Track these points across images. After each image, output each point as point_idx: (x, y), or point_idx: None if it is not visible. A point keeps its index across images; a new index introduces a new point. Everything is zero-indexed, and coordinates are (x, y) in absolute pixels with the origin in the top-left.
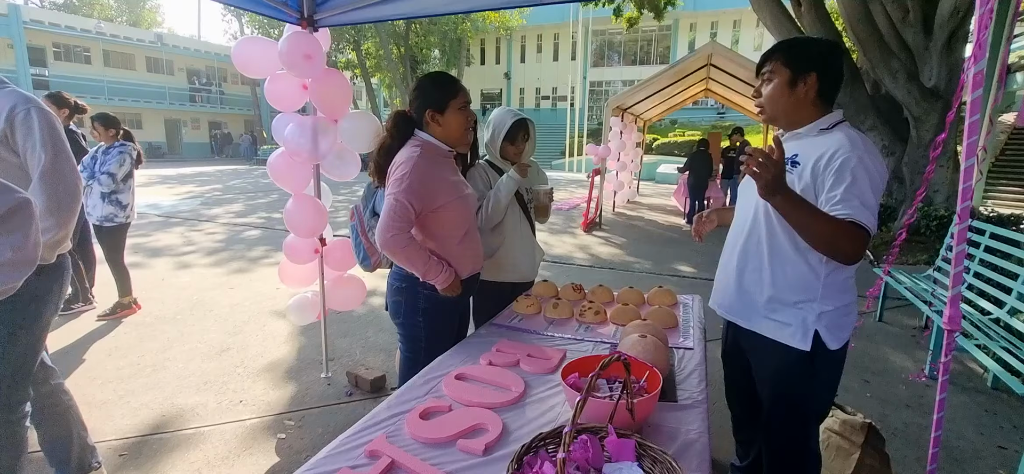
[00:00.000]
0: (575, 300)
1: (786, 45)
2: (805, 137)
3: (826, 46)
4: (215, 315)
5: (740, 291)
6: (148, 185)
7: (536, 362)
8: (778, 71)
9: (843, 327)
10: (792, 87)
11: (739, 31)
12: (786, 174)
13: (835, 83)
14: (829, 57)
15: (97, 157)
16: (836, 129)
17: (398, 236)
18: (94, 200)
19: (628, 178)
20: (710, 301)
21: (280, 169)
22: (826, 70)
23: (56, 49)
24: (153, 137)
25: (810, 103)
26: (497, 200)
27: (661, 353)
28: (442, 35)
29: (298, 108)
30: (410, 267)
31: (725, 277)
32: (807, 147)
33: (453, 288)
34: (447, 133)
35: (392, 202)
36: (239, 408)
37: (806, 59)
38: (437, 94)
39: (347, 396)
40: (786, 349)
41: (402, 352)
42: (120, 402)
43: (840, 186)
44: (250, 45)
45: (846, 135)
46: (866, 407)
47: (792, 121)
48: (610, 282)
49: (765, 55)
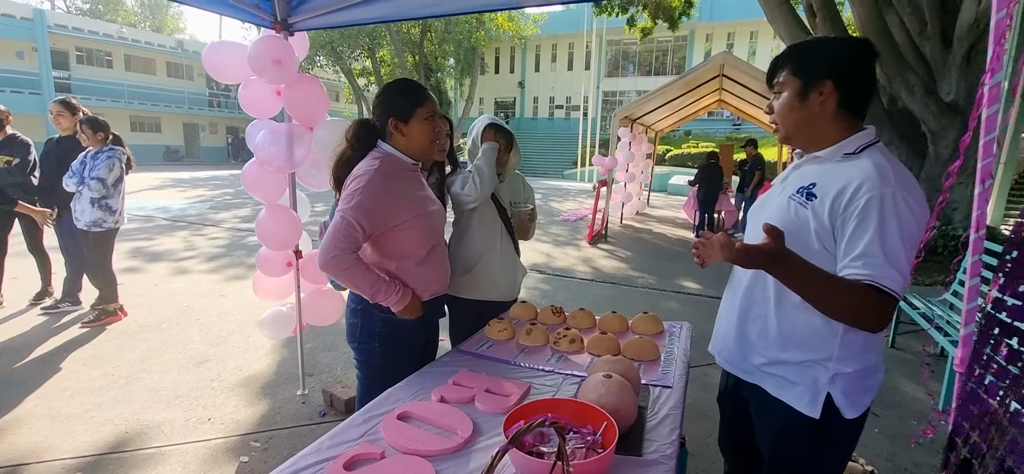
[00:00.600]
0: (553, 324)
1: (796, 49)
2: (826, 163)
3: (845, 47)
4: (201, 324)
5: (741, 340)
6: (161, 188)
7: (492, 400)
8: (788, 81)
9: (864, 391)
10: (803, 99)
11: (756, 42)
12: (801, 210)
13: (860, 91)
14: (849, 60)
15: (86, 162)
16: (864, 154)
17: (340, 257)
18: (82, 205)
19: (637, 190)
20: (710, 346)
21: (253, 178)
22: (845, 76)
23: (79, 53)
24: (171, 141)
25: (829, 118)
26: (480, 171)
27: (627, 397)
28: (457, 43)
29: (273, 115)
30: (356, 289)
31: (725, 322)
32: (827, 176)
33: (411, 310)
34: (411, 144)
35: (338, 220)
36: (206, 427)
37: (819, 64)
38: (401, 102)
39: (321, 416)
40: (791, 411)
41: (359, 379)
42: (85, 416)
43: (863, 236)
44: (221, 49)
45: (875, 163)
46: (873, 446)
47: (810, 139)
48: (611, 297)
49: (775, 62)
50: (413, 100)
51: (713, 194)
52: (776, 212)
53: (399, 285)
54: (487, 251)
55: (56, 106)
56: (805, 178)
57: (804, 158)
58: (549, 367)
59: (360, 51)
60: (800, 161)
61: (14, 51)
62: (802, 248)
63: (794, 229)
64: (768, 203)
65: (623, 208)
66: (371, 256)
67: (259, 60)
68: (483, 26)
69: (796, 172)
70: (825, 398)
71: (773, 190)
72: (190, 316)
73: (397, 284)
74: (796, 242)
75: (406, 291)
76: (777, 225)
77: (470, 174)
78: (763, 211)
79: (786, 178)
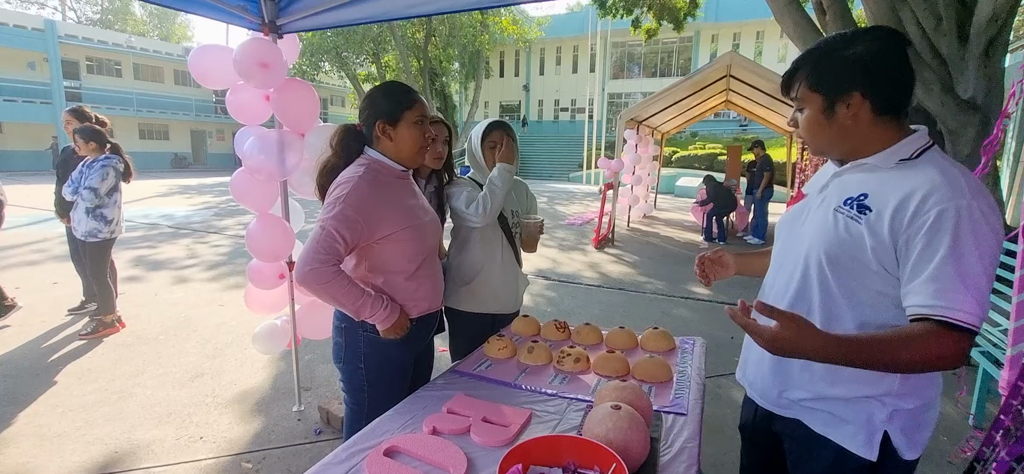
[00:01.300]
0: (556, 341)
1: (810, 57)
2: (878, 170)
3: (867, 45)
4: (198, 336)
5: (779, 372)
6: (168, 195)
7: (491, 430)
8: (807, 98)
9: (923, 428)
10: (829, 116)
11: (762, 42)
12: (853, 225)
13: (897, 88)
14: (875, 60)
15: (83, 171)
16: (924, 159)
17: (319, 270)
18: (79, 215)
19: (644, 192)
20: (738, 373)
21: (242, 187)
22: (875, 80)
23: (89, 63)
24: (179, 147)
25: (866, 128)
26: (493, 194)
27: (637, 432)
28: (461, 47)
29: (263, 121)
30: (337, 305)
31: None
32: (882, 186)
33: (397, 329)
34: (400, 149)
35: (318, 231)
36: (197, 446)
37: (840, 75)
38: (389, 105)
39: (316, 434)
40: (841, 452)
41: (346, 403)
42: (76, 434)
43: (932, 258)
44: (206, 53)
45: (941, 170)
46: None
47: (849, 152)
48: (619, 304)
49: (789, 73)
50: (401, 102)
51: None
52: (819, 227)
53: (386, 300)
54: (487, 263)
55: (66, 115)
56: (852, 187)
57: (847, 165)
58: (553, 390)
59: (365, 56)
60: (842, 168)
61: (26, 62)
62: (857, 268)
63: (845, 248)
64: (804, 215)
65: (630, 211)
66: (355, 270)
67: (245, 63)
68: (487, 30)
69: (838, 180)
70: (882, 437)
71: (809, 200)
72: (188, 328)
73: (384, 299)
74: (848, 262)
75: (394, 307)
76: (822, 242)
77: (475, 191)
78: (801, 226)
79: (825, 186)
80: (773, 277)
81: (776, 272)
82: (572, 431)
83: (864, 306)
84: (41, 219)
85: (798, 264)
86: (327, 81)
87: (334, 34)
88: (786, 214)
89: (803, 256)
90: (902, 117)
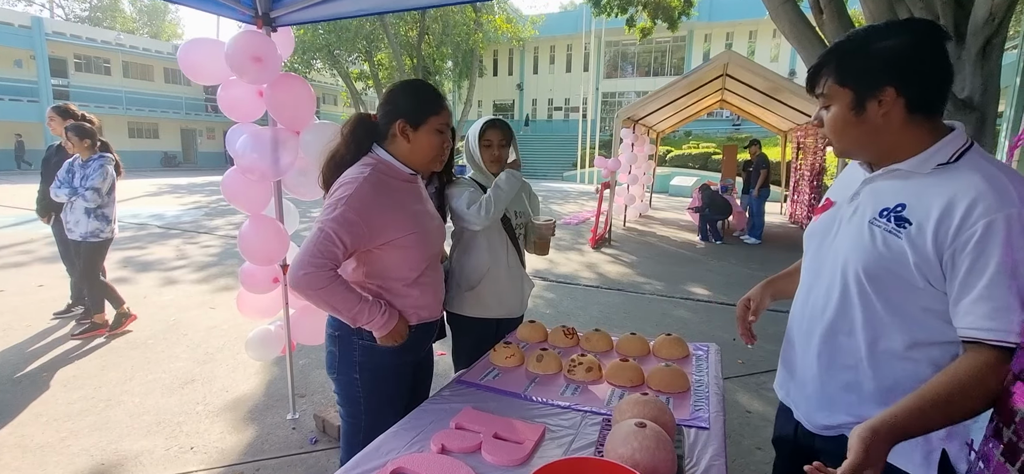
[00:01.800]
0: (566, 348)
1: (838, 50)
2: (913, 177)
3: (903, 37)
4: (188, 340)
5: (823, 394)
6: (157, 194)
7: (504, 448)
8: (835, 94)
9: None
10: (859, 113)
11: (755, 42)
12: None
13: (934, 85)
14: (912, 54)
15: (74, 170)
16: (964, 163)
17: (314, 275)
18: (76, 215)
19: (640, 191)
20: (776, 385)
21: (234, 187)
22: (910, 75)
23: (77, 60)
24: (169, 146)
25: (898, 128)
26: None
27: (664, 451)
28: (455, 46)
29: (256, 118)
30: (332, 311)
31: (800, 364)
32: (920, 194)
33: (395, 336)
34: (415, 154)
35: (316, 233)
36: (187, 457)
37: (872, 69)
38: (416, 105)
39: (311, 443)
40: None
41: (342, 416)
42: (60, 446)
43: (981, 276)
44: (197, 47)
45: (985, 175)
46: None
47: (879, 155)
48: (618, 305)
49: (815, 67)
50: (430, 106)
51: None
52: (854, 241)
53: (384, 305)
54: (493, 266)
55: (51, 112)
56: (887, 197)
57: (879, 171)
58: (565, 402)
59: (358, 54)
60: (874, 175)
61: (12, 59)
62: (900, 285)
63: (886, 264)
64: (835, 227)
65: (626, 211)
66: (353, 274)
67: (237, 58)
68: (481, 28)
69: (869, 187)
70: (940, 456)
71: (839, 209)
72: (178, 331)
73: (381, 304)
74: (890, 278)
75: (392, 312)
76: (859, 258)
77: (477, 192)
78: (833, 239)
79: (856, 195)
80: (806, 294)
81: (809, 289)
82: (589, 447)
83: (912, 323)
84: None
85: (835, 281)
86: (319, 79)
87: (326, 31)
88: (815, 224)
89: (840, 272)
90: (936, 117)
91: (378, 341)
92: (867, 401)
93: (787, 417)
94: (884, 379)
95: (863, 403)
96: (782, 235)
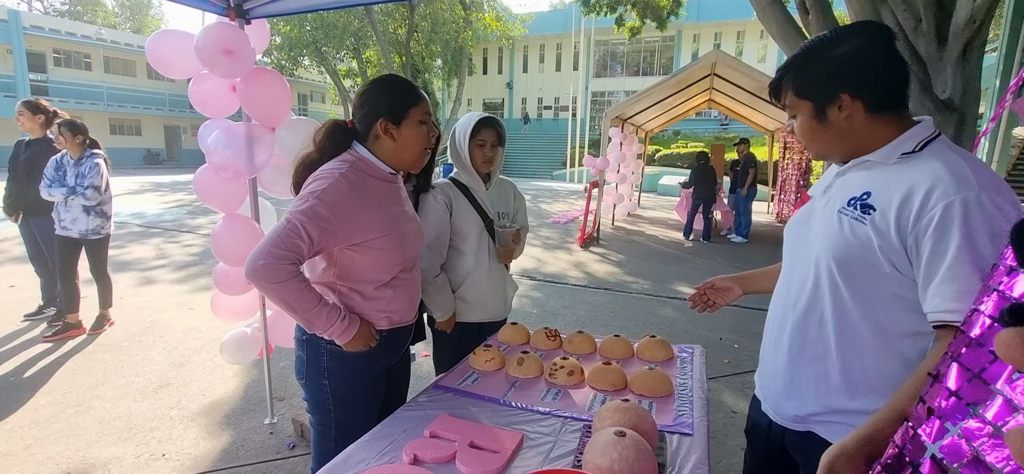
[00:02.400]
0: (548, 350)
1: (793, 64)
2: (879, 167)
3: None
4: (164, 342)
5: (792, 384)
6: (140, 192)
7: (479, 457)
8: (796, 105)
9: None
10: (822, 120)
11: (743, 42)
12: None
13: (888, 83)
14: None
15: (65, 168)
16: (927, 151)
17: (272, 267)
18: (74, 214)
19: (628, 191)
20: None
21: (207, 185)
22: (863, 79)
23: (56, 55)
24: (152, 144)
25: (863, 126)
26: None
27: (645, 462)
28: (444, 44)
29: (230, 114)
30: (287, 310)
31: (771, 355)
32: (884, 183)
33: (360, 341)
34: (400, 151)
35: (283, 224)
36: (159, 464)
37: (824, 78)
38: (393, 101)
39: (289, 448)
40: None
41: (312, 424)
42: (25, 454)
43: (943, 258)
44: (166, 38)
45: (945, 162)
46: None
47: (851, 152)
48: (605, 305)
49: (775, 83)
50: (408, 98)
51: (710, 194)
52: (825, 231)
53: (343, 312)
54: (475, 270)
55: (20, 107)
56: (854, 187)
57: (850, 163)
58: (546, 407)
59: (346, 52)
60: (844, 168)
61: None
62: (868, 272)
63: (854, 251)
64: (810, 219)
65: (615, 210)
66: (323, 275)
67: (207, 50)
68: (470, 26)
69: (840, 180)
70: None
71: (814, 203)
72: (154, 333)
73: (341, 311)
74: (858, 266)
75: (353, 320)
76: (830, 247)
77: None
78: (808, 231)
79: (829, 188)
80: (785, 286)
81: (787, 281)
82: (568, 456)
83: (879, 312)
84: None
85: (809, 272)
86: (306, 76)
87: (313, 27)
88: (793, 218)
89: (813, 262)
90: (902, 111)
91: (343, 347)
92: (834, 391)
93: (760, 408)
94: (851, 370)
95: (831, 393)
96: (769, 234)
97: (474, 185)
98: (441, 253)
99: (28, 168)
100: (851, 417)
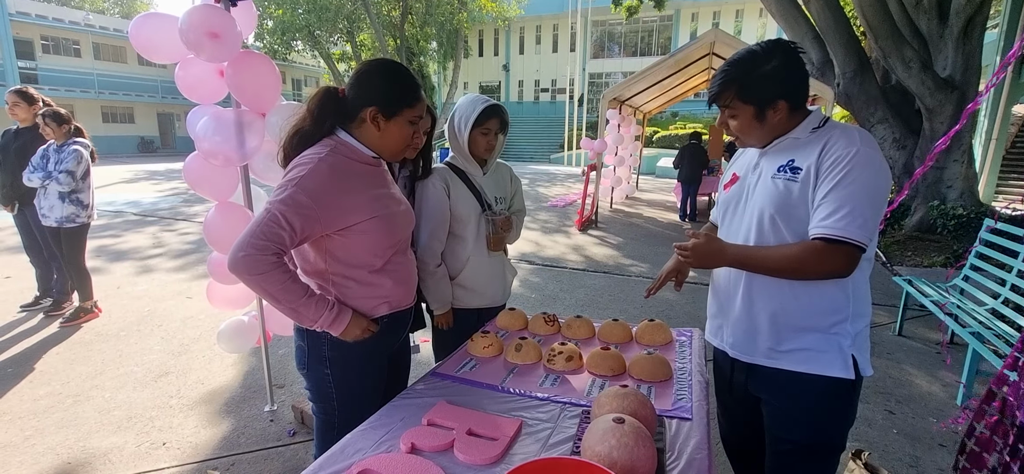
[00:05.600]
0: (546, 335)
1: (735, 76)
2: (799, 140)
3: (779, 60)
4: (163, 331)
5: (751, 324)
6: (134, 181)
7: (477, 445)
8: (739, 108)
9: (868, 344)
10: (761, 119)
11: (742, 22)
12: (791, 185)
13: (804, 87)
14: (790, 72)
15: (49, 155)
16: (828, 126)
17: (254, 259)
18: (50, 201)
19: (626, 173)
20: (707, 334)
21: (197, 173)
22: (793, 87)
23: (45, 41)
24: (146, 131)
25: (787, 120)
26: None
27: (644, 449)
28: (439, 26)
29: (219, 100)
30: (271, 301)
31: (728, 308)
32: (804, 150)
33: (354, 331)
34: (383, 142)
35: (264, 214)
36: (159, 453)
37: (767, 88)
38: (390, 94)
39: (290, 436)
40: (825, 382)
41: (315, 413)
42: (25, 445)
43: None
44: (149, 22)
45: (841, 130)
46: (893, 448)
47: (772, 138)
48: (604, 288)
49: (716, 86)
50: (407, 98)
51: (695, 175)
52: (763, 193)
53: (332, 303)
54: (473, 256)
55: (12, 96)
56: (780, 158)
57: (770, 146)
58: (544, 394)
59: (339, 35)
60: (767, 148)
61: None
62: (801, 213)
63: (789, 203)
64: (746, 193)
65: (613, 192)
66: (315, 263)
67: (192, 33)
68: (465, 7)
69: (766, 157)
70: (851, 360)
71: (745, 180)
72: (152, 322)
73: (329, 302)
74: (793, 211)
75: (343, 311)
76: (771, 203)
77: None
78: (747, 201)
79: (757, 165)
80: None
81: (733, 238)
82: (567, 442)
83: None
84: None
85: (752, 227)
86: (299, 60)
87: (306, 11)
88: (726, 195)
89: (756, 218)
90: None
91: (339, 337)
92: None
93: (723, 367)
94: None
95: (790, 322)
96: None
97: (471, 170)
98: (441, 239)
99: (20, 157)
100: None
